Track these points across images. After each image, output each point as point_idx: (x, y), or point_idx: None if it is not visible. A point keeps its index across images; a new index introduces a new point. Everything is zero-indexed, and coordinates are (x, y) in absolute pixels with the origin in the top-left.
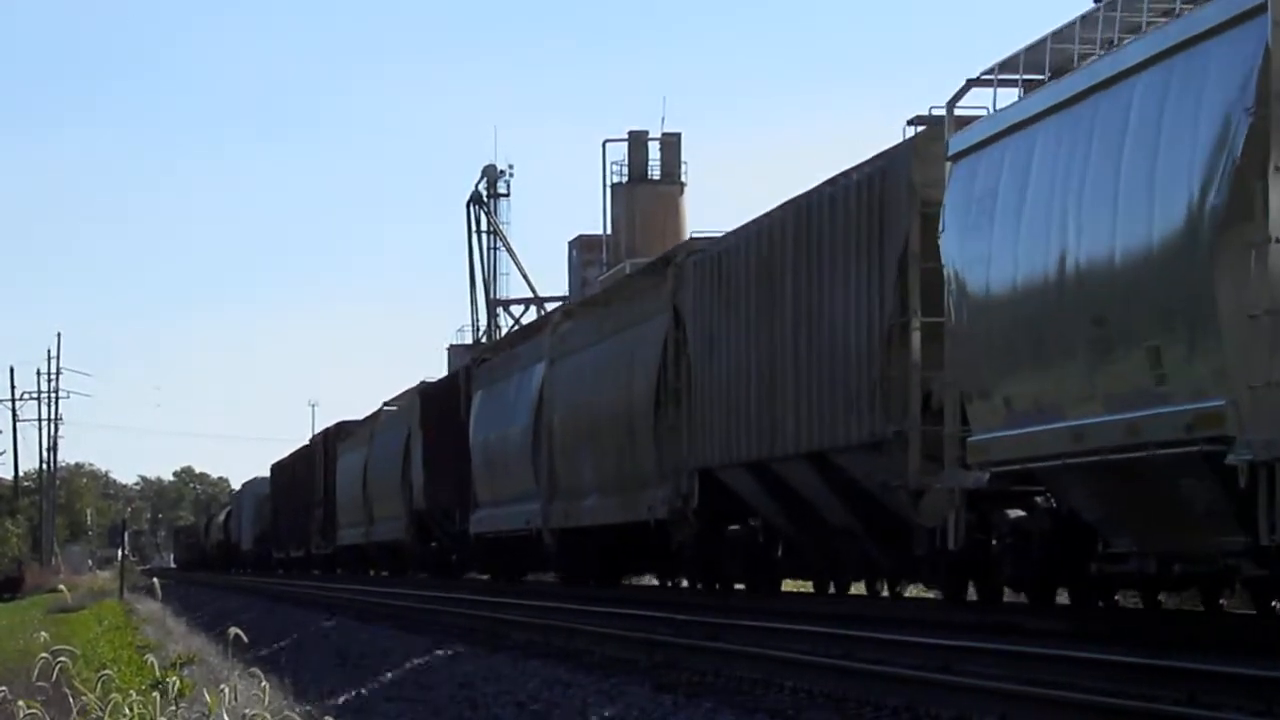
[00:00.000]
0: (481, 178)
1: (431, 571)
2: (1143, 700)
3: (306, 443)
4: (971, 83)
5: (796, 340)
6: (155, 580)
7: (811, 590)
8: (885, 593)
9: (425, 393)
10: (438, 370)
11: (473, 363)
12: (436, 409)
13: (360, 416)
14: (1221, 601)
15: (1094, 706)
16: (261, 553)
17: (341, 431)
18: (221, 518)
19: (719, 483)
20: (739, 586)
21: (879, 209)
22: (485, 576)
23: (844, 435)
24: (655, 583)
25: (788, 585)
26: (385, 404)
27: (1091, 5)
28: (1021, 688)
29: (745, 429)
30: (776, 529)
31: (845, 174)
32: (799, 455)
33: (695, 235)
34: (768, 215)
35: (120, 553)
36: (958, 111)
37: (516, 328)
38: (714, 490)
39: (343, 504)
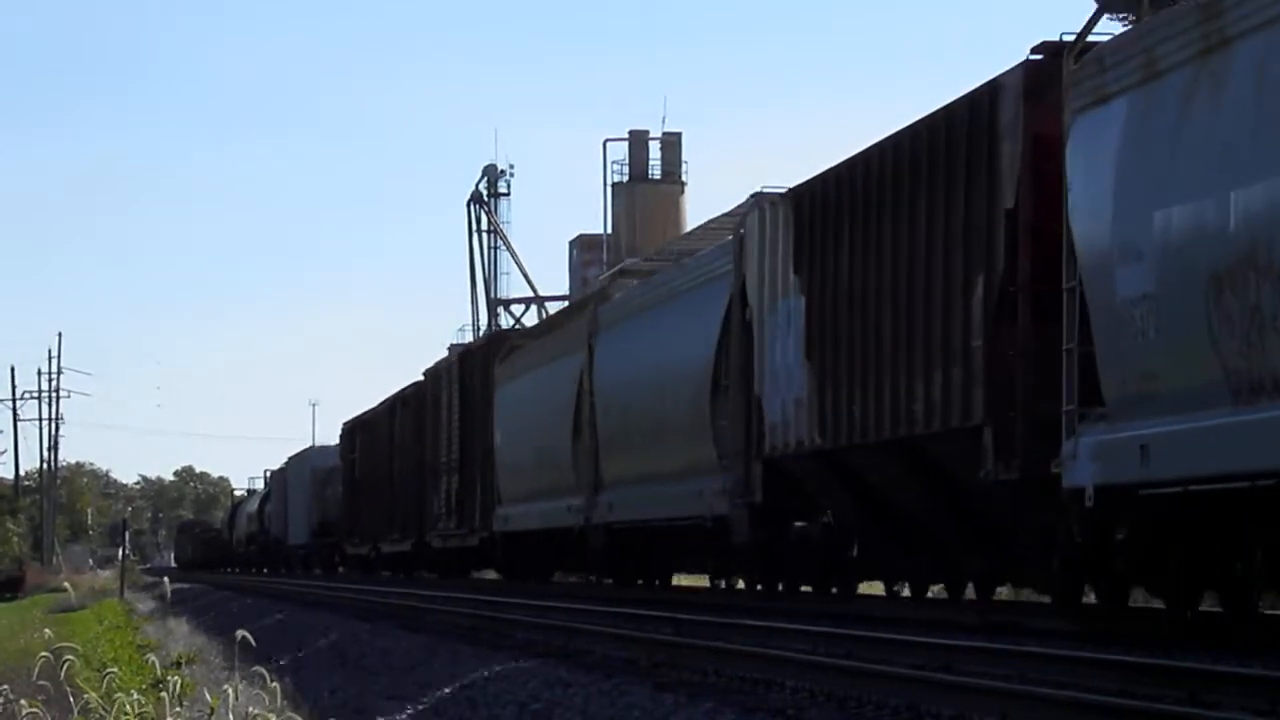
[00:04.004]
0: (482, 177)
1: (778, 580)
2: (1143, 700)
3: (417, 379)
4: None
5: None
6: (166, 580)
7: None
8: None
9: (811, 191)
10: None
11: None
12: (841, 226)
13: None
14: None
15: (1094, 706)
16: (321, 549)
17: (504, 344)
18: (254, 506)
19: None
20: None
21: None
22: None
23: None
24: None
25: None
26: (606, 275)
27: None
28: (1021, 687)
29: None
30: None
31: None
32: None
33: None
34: None
35: (121, 552)
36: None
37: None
38: None
39: (512, 464)
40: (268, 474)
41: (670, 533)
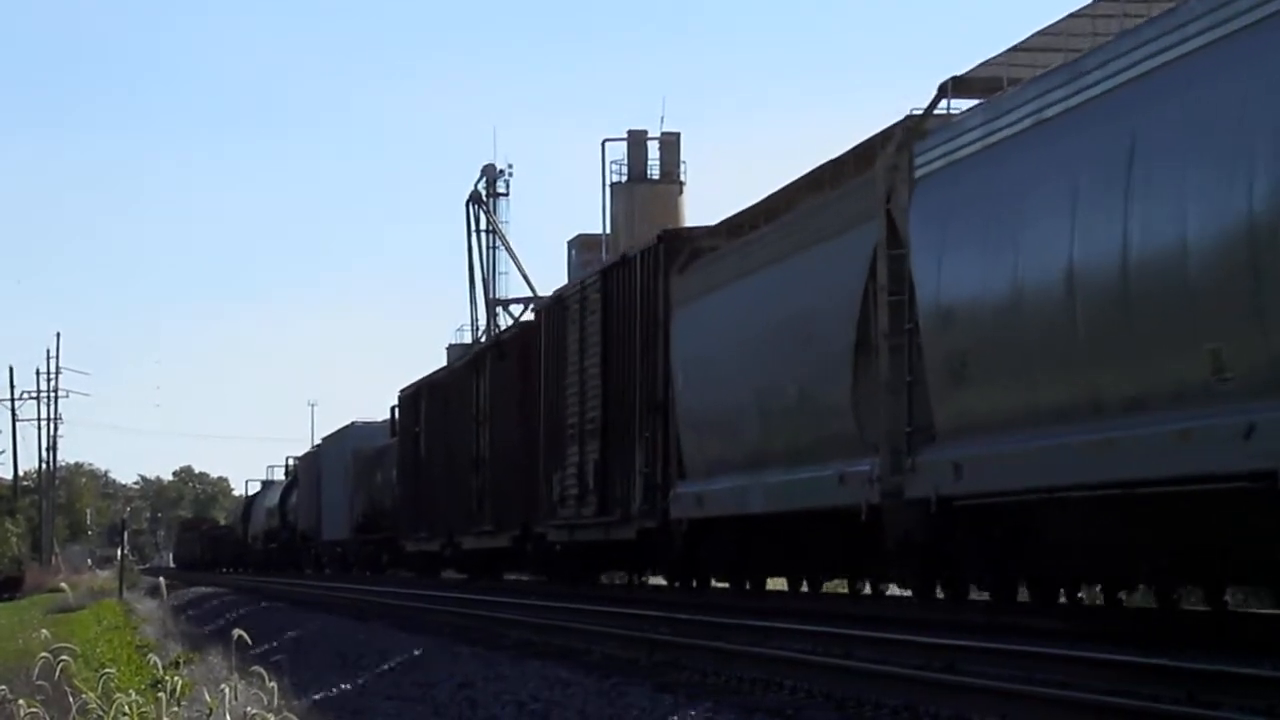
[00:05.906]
0: (481, 177)
1: None
2: (1143, 700)
3: (523, 319)
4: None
5: None
6: (162, 580)
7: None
8: None
9: None
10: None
11: None
12: None
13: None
14: (1225, 599)
15: (1094, 706)
16: (364, 545)
17: (684, 247)
18: (274, 499)
19: None
20: None
21: None
22: None
23: None
24: None
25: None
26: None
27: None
28: (1021, 687)
29: None
30: None
31: None
32: None
33: None
34: None
35: (120, 552)
36: None
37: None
38: None
39: (708, 419)
40: (290, 461)
41: (1113, 508)
